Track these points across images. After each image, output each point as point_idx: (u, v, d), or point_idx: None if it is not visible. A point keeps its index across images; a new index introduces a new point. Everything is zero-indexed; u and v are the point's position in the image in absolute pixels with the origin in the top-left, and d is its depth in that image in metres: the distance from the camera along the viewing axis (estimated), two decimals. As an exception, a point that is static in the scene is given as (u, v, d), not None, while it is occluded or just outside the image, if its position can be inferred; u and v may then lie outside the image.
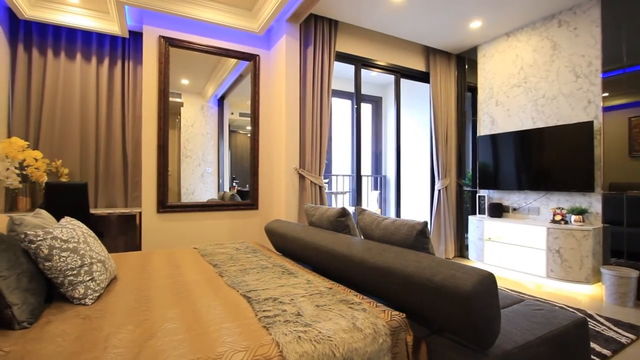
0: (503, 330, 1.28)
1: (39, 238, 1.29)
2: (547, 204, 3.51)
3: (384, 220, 1.72)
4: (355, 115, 3.87)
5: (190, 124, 3.78)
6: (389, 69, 4.07)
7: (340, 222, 1.97)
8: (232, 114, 4.09)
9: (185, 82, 3.73)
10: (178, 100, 3.65)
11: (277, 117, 3.50)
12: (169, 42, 3.26)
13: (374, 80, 5.50)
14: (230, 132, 4.09)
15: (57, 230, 1.38)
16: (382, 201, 5.49)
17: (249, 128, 3.80)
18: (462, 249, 4.42)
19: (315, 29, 3.36)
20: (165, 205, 3.26)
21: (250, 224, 3.71)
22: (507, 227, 3.54)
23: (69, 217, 1.65)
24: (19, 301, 1.10)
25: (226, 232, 3.59)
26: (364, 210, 1.87)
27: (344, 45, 3.66)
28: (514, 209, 3.82)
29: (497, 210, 3.83)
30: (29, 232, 1.28)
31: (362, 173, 3.94)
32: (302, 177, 3.37)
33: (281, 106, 3.39)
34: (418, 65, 4.26)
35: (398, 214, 4.21)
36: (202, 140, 3.83)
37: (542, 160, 3.50)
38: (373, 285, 1.47)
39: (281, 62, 3.39)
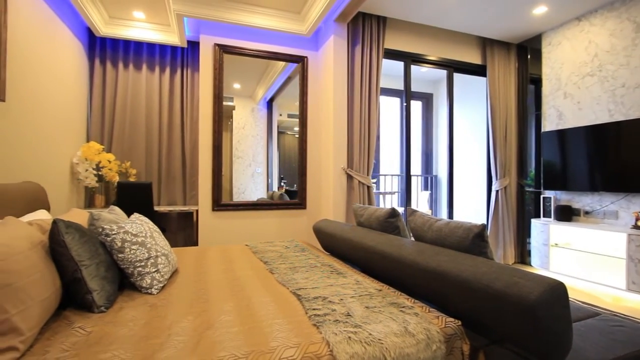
0: (575, 347, 1.15)
1: (113, 232, 1.43)
2: (628, 207, 3.10)
3: (436, 222, 1.64)
4: (404, 113, 3.75)
5: (241, 126, 3.95)
6: (440, 64, 3.89)
7: (390, 222, 1.92)
8: (281, 115, 4.20)
9: (237, 86, 3.91)
10: (230, 103, 3.84)
11: (325, 117, 3.52)
12: (223, 49, 3.44)
13: (425, 76, 5.30)
14: (279, 133, 4.20)
15: (128, 225, 1.52)
16: (433, 202, 5.27)
17: (296, 129, 3.87)
18: (523, 255, 4.08)
19: (363, 27, 3.32)
20: (219, 203, 3.45)
21: (298, 223, 3.78)
22: (578, 232, 3.19)
23: (137, 214, 1.80)
24: (97, 287, 1.23)
25: (275, 231, 3.69)
26: (415, 211, 1.81)
27: (392, 41, 3.58)
28: (586, 212, 3.43)
29: (566, 213, 3.47)
30: (105, 226, 1.43)
31: (412, 173, 3.81)
32: (349, 177, 3.35)
33: (329, 106, 3.40)
34: (473, 58, 4.01)
35: (450, 215, 4.00)
36: (253, 141, 3.99)
37: (621, 158, 3.10)
38: (425, 289, 1.41)
39: (329, 62, 3.40)
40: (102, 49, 3.65)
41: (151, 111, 3.81)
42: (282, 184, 4.15)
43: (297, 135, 3.87)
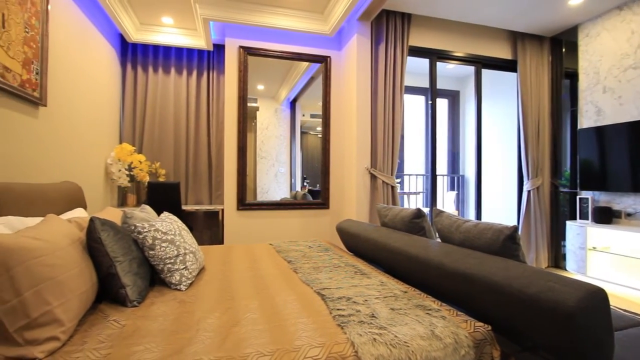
0: (617, 357, 1.08)
1: (145, 229, 1.48)
2: (676, 209, 2.88)
3: (464, 223, 1.59)
4: (430, 111, 3.67)
5: (265, 126, 4.00)
6: (468, 60, 3.77)
7: (415, 223, 1.88)
8: (304, 115, 4.22)
9: (260, 87, 3.97)
10: (254, 104, 3.90)
11: (348, 116, 3.51)
12: (247, 51, 3.50)
13: (451, 73, 5.16)
14: (302, 133, 4.23)
15: (158, 223, 1.57)
16: (460, 203, 5.12)
17: (319, 129, 3.87)
18: (557, 259, 3.88)
19: (387, 25, 3.27)
20: (244, 203, 3.51)
21: (321, 223, 3.78)
22: (619, 235, 3.00)
23: (167, 212, 1.87)
24: (130, 283, 1.29)
25: (298, 230, 3.71)
26: (442, 211, 1.76)
27: (417, 38, 3.50)
28: (628, 215, 3.22)
29: (605, 215, 3.27)
30: (137, 224, 1.49)
31: (438, 172, 3.72)
32: (373, 177, 3.31)
33: (352, 106, 3.38)
34: (502, 53, 3.86)
35: (478, 216, 3.87)
36: (276, 141, 4.03)
37: (668, 156, 2.88)
38: (452, 292, 1.37)
39: (352, 61, 3.38)
40: (133, 54, 3.81)
41: (179, 113, 3.94)
42: (305, 183, 4.18)
43: (319, 135, 3.87)
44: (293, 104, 4.19)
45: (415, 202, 4.97)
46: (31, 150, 2.06)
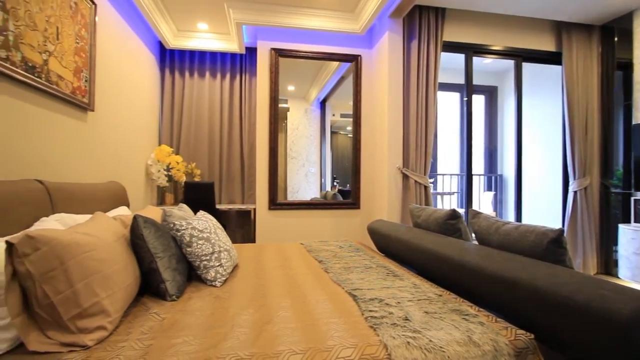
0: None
1: (183, 227, 1.55)
2: None
3: (504, 225, 1.51)
4: (465, 108, 3.53)
5: (295, 127, 4.04)
6: (507, 54, 3.59)
7: (450, 224, 1.81)
8: (334, 115, 4.22)
9: (291, 88, 4.01)
10: (285, 105, 3.95)
11: (380, 115, 3.46)
12: (278, 53, 3.55)
13: (488, 68, 4.93)
14: (332, 133, 4.23)
15: (195, 221, 1.64)
16: (498, 203, 4.88)
17: (349, 128, 3.85)
18: (608, 265, 3.59)
19: (420, 21, 3.19)
20: (275, 202, 3.57)
21: (351, 223, 3.76)
22: (681, 240, 2.71)
23: (203, 211, 1.94)
24: (170, 278, 1.35)
25: (328, 230, 3.71)
26: (479, 213, 1.68)
27: (452, 33, 3.38)
28: (692, 218, 2.91)
29: (664, 219, 2.98)
30: (176, 222, 1.56)
31: (474, 172, 3.57)
32: (405, 177, 3.24)
33: (383, 104, 3.33)
34: (545, 45, 3.63)
35: (518, 218, 3.67)
36: (306, 141, 4.06)
37: None
38: (490, 297, 1.31)
39: (383, 59, 3.33)
40: (171, 60, 4.00)
41: (213, 115, 4.08)
42: (335, 183, 4.17)
43: (350, 135, 3.85)
44: (323, 104, 4.19)
45: (449, 202, 4.81)
46: (80, 153, 2.22)
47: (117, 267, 1.14)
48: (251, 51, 4.07)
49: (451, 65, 4.04)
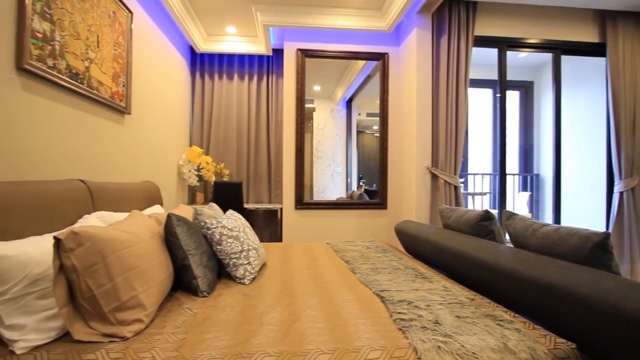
0: None
1: (213, 226, 1.59)
2: None
3: (542, 228, 1.43)
4: (498, 105, 3.38)
5: (321, 127, 4.05)
6: (544, 47, 3.40)
7: (483, 226, 1.74)
8: (360, 114, 4.19)
9: (317, 88, 4.02)
10: (311, 105, 3.97)
11: (407, 114, 3.39)
12: (305, 54, 3.57)
13: (523, 63, 4.71)
14: (358, 132, 4.20)
15: (225, 220, 1.68)
16: (534, 204, 4.64)
17: (376, 127, 3.81)
18: (658, 272, 3.31)
19: (450, 16, 3.09)
20: (301, 202, 3.59)
21: (378, 223, 3.71)
22: None
23: (232, 210, 1.99)
24: (201, 274, 1.39)
25: (354, 230, 3.69)
26: (514, 214, 1.61)
27: (484, 27, 3.25)
28: None
29: None
30: (207, 221, 1.60)
31: (507, 171, 3.41)
32: (434, 176, 3.16)
33: (411, 102, 3.26)
34: (587, 36, 3.41)
35: (557, 220, 3.46)
36: (332, 141, 4.05)
37: None
38: (527, 303, 1.24)
39: (411, 57, 3.26)
40: (201, 63, 4.13)
41: (241, 117, 4.17)
42: (361, 183, 4.14)
43: (376, 134, 3.81)
44: (349, 103, 4.18)
45: (481, 203, 4.63)
46: (118, 154, 2.34)
47: (152, 263, 1.19)
48: (278, 52, 4.13)
49: (483, 61, 3.89)
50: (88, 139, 1.97)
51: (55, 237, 0.98)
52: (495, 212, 3.49)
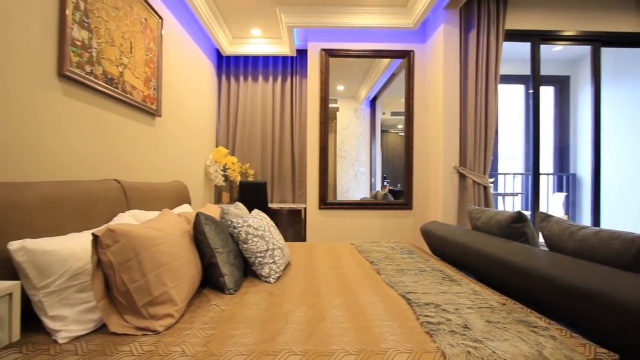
0: None
1: (239, 225, 1.62)
2: None
3: (580, 230, 1.35)
4: (532, 101, 3.23)
5: (344, 126, 4.03)
6: (581, 39, 3.21)
7: (515, 228, 1.67)
8: (384, 113, 4.14)
9: (340, 88, 4.01)
10: (334, 105, 3.96)
11: (434, 112, 3.31)
12: (328, 54, 3.57)
13: (558, 56, 4.47)
14: (382, 131, 4.15)
15: (250, 219, 1.70)
16: (570, 206, 4.40)
17: (400, 127, 3.74)
18: None
19: (479, 10, 2.98)
20: (325, 202, 3.59)
21: (403, 224, 3.65)
22: None
23: (257, 210, 2.02)
24: (228, 272, 1.42)
25: (378, 231, 3.65)
26: (549, 216, 1.53)
27: (515, 20, 3.12)
28: None
29: None
30: (233, 220, 1.64)
31: (541, 171, 3.25)
32: (462, 176, 3.06)
33: (438, 100, 3.18)
34: (630, 25, 3.19)
35: (596, 222, 3.26)
36: (356, 141, 4.03)
37: None
38: (563, 309, 1.18)
39: (438, 53, 3.18)
40: (227, 66, 4.23)
41: (265, 117, 4.23)
42: (385, 183, 4.08)
43: (401, 134, 3.74)
44: (373, 102, 4.13)
45: (512, 204, 4.45)
46: (149, 155, 2.44)
47: (182, 260, 1.23)
48: (301, 53, 4.15)
49: (515, 56, 3.73)
50: (121, 141, 2.06)
51: (93, 234, 1.03)
52: (527, 213, 3.34)
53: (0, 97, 1.25)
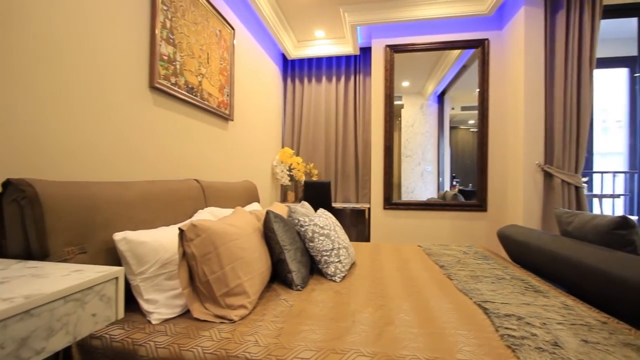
0: None
1: (306, 223, 1.66)
2: None
3: None
4: (638, 87, 2.75)
5: (410, 124, 3.88)
6: None
7: (618, 235, 1.43)
8: (453, 109, 3.88)
9: (405, 84, 3.87)
10: (399, 102, 3.84)
11: (513, 105, 3.01)
12: (393, 50, 3.48)
13: (672, 32, 3.73)
14: (451, 128, 3.90)
15: (316, 218, 1.74)
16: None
17: (471, 122, 3.48)
18: None
19: (568, -14, 2.63)
20: (390, 202, 3.50)
21: (475, 227, 3.39)
22: None
23: (322, 209, 2.04)
24: (295, 269, 1.46)
25: (447, 233, 3.44)
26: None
27: (615, -6, 2.69)
28: None
29: None
30: (300, 218, 1.68)
31: (650, 168, 2.74)
32: (548, 175, 2.73)
33: (518, 92, 2.88)
34: None
35: None
36: (422, 139, 3.85)
37: None
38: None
39: (518, 40, 2.88)
40: (292, 69, 4.37)
41: (329, 117, 4.27)
42: (455, 183, 3.83)
43: (473, 130, 3.48)
44: (441, 97, 3.91)
45: (611, 207, 3.83)
46: (222, 156, 2.63)
47: (255, 255, 1.30)
48: (365, 51, 4.11)
49: (613, 35, 3.21)
50: (199, 144, 2.26)
51: (179, 229, 1.15)
52: (634, 218, 2.84)
53: (105, 108, 1.46)
